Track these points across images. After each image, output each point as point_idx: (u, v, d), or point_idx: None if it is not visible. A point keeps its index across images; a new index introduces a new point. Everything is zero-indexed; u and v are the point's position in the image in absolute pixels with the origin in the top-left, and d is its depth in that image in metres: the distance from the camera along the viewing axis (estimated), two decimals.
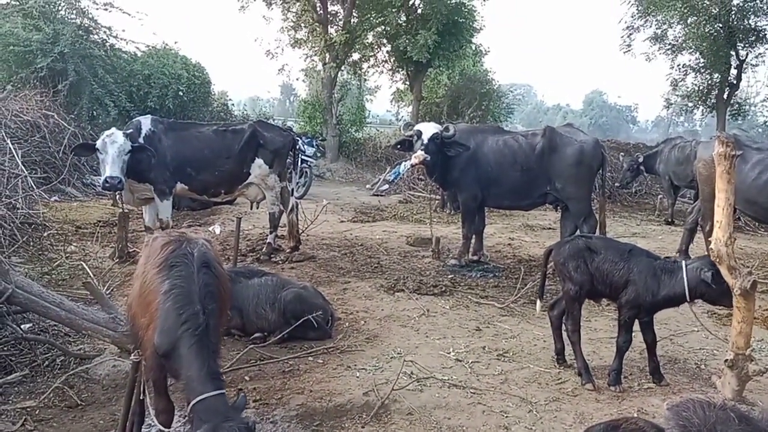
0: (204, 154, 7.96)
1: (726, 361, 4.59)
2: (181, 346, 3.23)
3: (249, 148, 8.13)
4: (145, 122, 7.78)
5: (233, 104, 22.56)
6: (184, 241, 3.62)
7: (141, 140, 7.50)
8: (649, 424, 2.00)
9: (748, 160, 8.12)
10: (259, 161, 8.18)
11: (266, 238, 8.75)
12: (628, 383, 4.98)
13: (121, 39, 16.70)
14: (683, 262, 4.90)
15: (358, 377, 4.89)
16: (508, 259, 9.26)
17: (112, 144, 7.08)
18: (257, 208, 9.11)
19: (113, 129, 7.39)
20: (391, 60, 21.91)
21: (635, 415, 4.42)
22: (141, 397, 3.79)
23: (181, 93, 17.47)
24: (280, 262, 8.25)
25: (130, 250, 8.04)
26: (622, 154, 17.99)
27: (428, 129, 8.31)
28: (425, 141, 8.14)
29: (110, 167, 7.05)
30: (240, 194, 8.64)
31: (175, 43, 21.50)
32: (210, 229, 10.00)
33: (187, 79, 17.73)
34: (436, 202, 14.03)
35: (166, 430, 3.47)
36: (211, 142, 8.04)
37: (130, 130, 7.49)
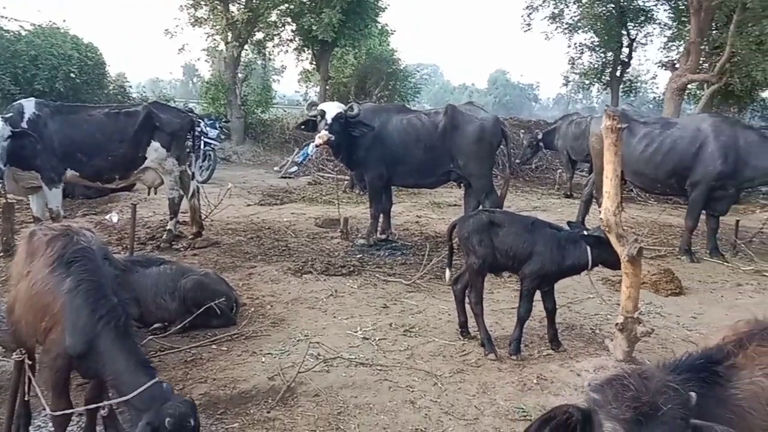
0: (95, 139, 7.53)
1: (617, 324, 4.84)
2: (101, 343, 3.12)
3: (144, 130, 7.75)
4: (28, 106, 7.26)
5: (131, 86, 21.54)
6: (74, 235, 3.44)
7: (24, 125, 7.02)
8: (576, 408, 2.03)
9: (636, 133, 8.58)
10: (155, 144, 7.82)
11: (167, 225, 8.42)
12: (528, 351, 5.17)
13: (2, 17, 15.53)
14: (583, 233, 5.11)
15: (263, 362, 4.81)
16: (416, 236, 9.37)
17: None
18: (155, 193, 8.74)
19: None
20: (297, 39, 21.53)
21: (535, 381, 4.60)
22: (26, 398, 3.56)
23: (72, 75, 16.42)
24: (182, 249, 7.96)
25: (18, 243, 7.51)
26: (522, 131, 18.60)
27: (332, 109, 8.22)
28: (329, 121, 8.05)
29: None
30: (137, 180, 8.25)
31: (64, 21, 20.14)
32: (107, 217, 9.53)
33: (79, 59, 16.72)
34: (345, 182, 14.01)
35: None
36: (102, 125, 7.61)
37: (10, 115, 6.99)
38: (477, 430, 3.96)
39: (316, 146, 9.34)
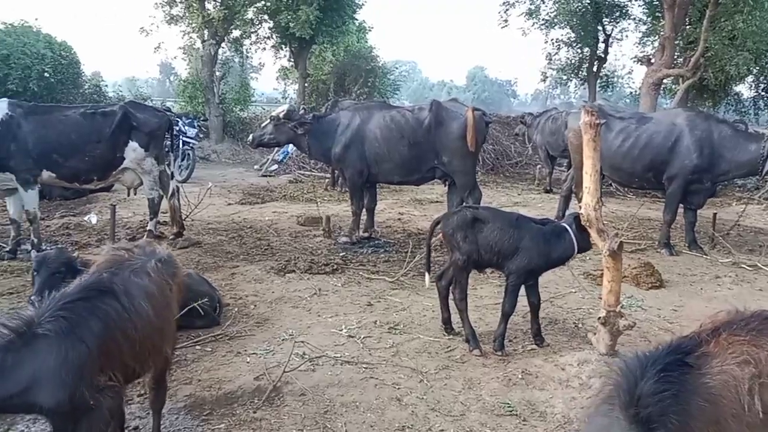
0: (71, 139, 7.43)
1: (599, 318, 4.89)
2: None
3: (121, 130, 7.66)
4: (1, 106, 7.16)
5: (107, 85, 21.25)
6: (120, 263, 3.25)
7: None
8: None
9: (613, 128, 8.67)
10: (133, 144, 7.73)
11: (147, 226, 8.34)
12: (512, 346, 5.21)
13: None
14: (565, 224, 5.17)
15: (248, 362, 4.78)
16: (398, 233, 9.38)
17: None
18: (135, 194, 8.65)
19: None
20: (274, 36, 21.43)
21: (520, 376, 4.63)
22: None
23: (46, 74, 16.24)
24: None
25: None
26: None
27: (277, 111, 8.71)
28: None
29: None
30: (115, 180, 8.16)
31: (36, 19, 19.74)
32: (86, 218, 9.41)
33: (53, 59, 16.50)
34: (327, 180, 13.99)
35: None
36: (78, 125, 7.51)
37: None
38: (463, 426, 3.98)
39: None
